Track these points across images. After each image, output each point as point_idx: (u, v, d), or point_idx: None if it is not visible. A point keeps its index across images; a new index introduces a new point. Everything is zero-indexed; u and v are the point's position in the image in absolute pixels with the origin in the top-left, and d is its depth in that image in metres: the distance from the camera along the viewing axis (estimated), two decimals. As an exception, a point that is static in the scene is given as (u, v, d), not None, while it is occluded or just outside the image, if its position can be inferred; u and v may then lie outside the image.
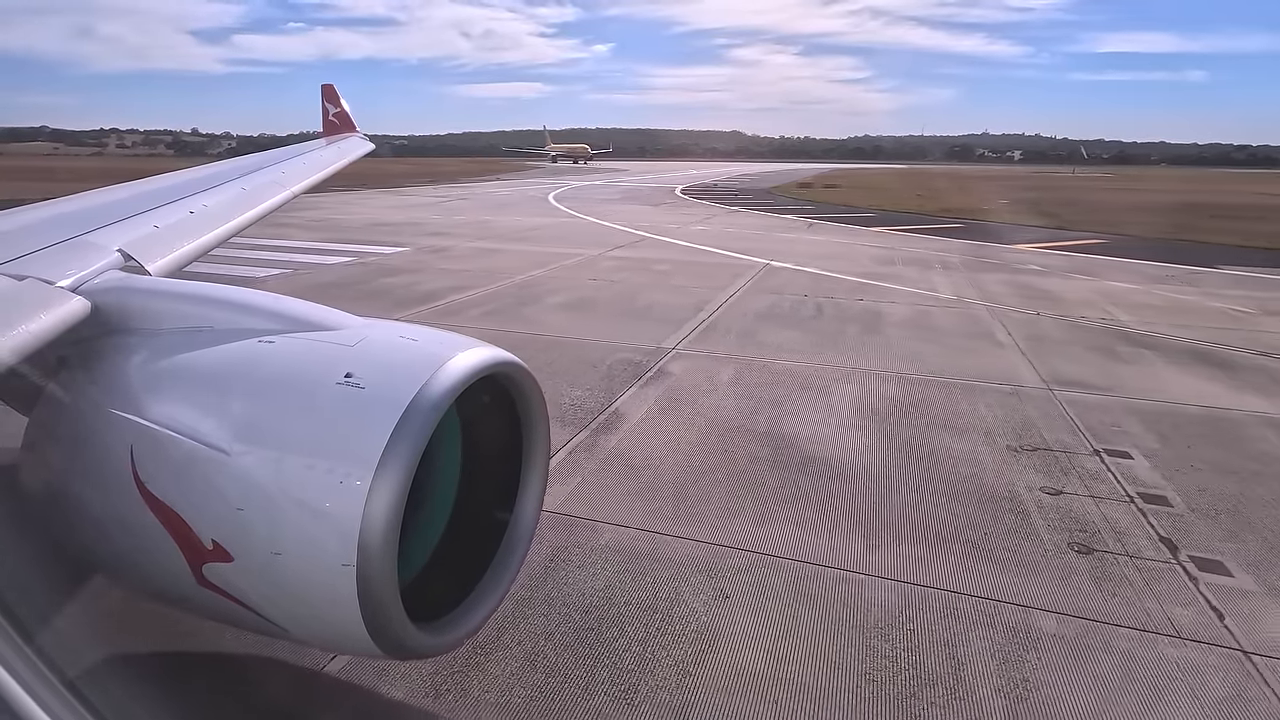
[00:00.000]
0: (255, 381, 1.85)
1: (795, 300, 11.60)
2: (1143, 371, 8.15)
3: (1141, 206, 36.68)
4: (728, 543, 4.25)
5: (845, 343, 9.05)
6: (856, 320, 10.24)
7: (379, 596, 1.67)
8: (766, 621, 3.58)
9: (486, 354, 1.92)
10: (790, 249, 17.88)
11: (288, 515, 1.69)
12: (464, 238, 19.28)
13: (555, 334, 9.08)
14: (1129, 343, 9.38)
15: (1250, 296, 12.95)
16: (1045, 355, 8.62)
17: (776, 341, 8.98)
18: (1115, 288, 13.51)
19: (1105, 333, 9.90)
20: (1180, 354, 8.90)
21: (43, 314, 1.86)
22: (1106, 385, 7.53)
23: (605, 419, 6.16)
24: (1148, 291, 13.13)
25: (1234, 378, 7.99)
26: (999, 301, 11.79)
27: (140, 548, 1.86)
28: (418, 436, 1.67)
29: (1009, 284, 13.46)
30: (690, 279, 13.36)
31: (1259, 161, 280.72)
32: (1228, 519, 4.69)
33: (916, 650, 3.35)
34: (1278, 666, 3.31)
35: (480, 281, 12.65)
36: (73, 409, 1.95)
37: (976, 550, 4.24)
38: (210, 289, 2.17)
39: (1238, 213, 32.90)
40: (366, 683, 3.04)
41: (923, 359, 8.31)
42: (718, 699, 3.06)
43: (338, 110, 8.06)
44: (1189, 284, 14.11)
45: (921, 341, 9.16)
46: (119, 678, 2.07)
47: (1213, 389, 7.53)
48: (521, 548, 2.22)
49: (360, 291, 11.81)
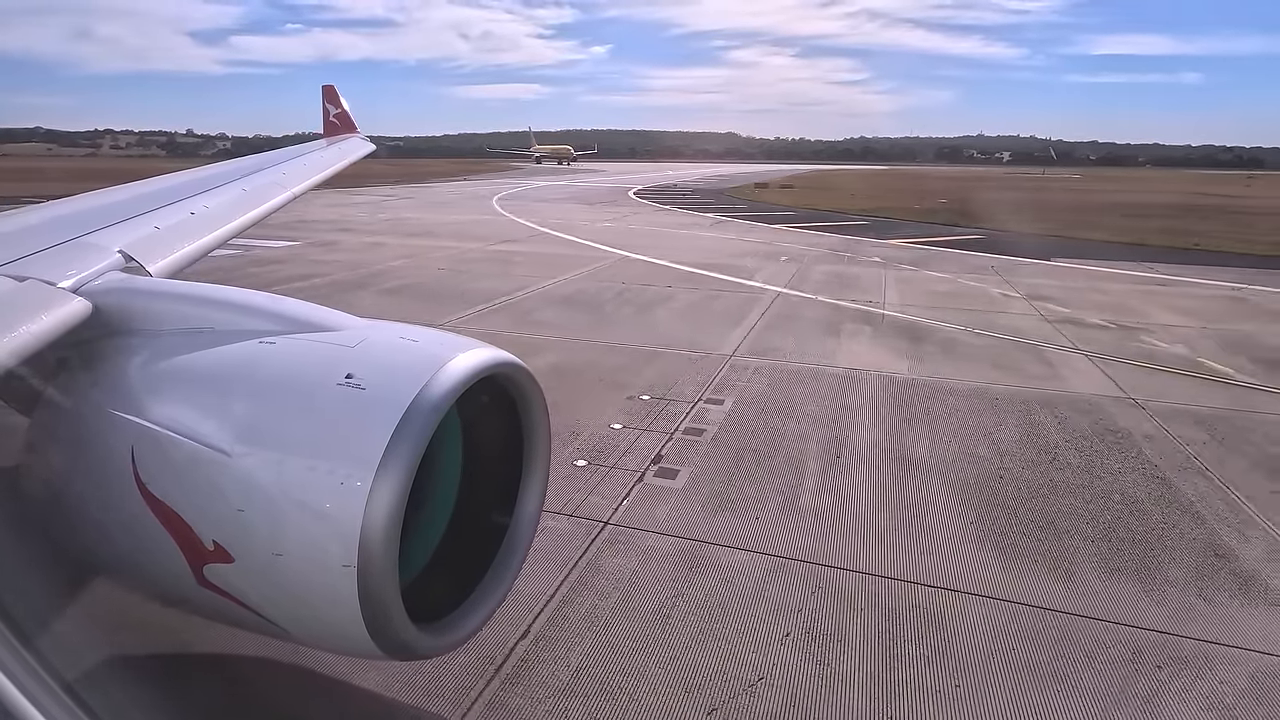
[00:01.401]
0: (256, 382, 1.84)
1: (608, 287, 12.98)
2: (836, 343, 9.56)
3: (1064, 206, 38.93)
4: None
5: (614, 322, 10.39)
6: (644, 305, 11.57)
7: (380, 597, 1.67)
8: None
9: (487, 355, 1.92)
10: (669, 244, 19.47)
11: (289, 516, 1.69)
12: (364, 234, 20.65)
13: (355, 315, 10.00)
14: (861, 321, 10.79)
15: (1038, 284, 14.47)
16: (766, 331, 10.00)
17: (554, 320, 10.26)
18: (922, 275, 15.14)
19: (854, 314, 11.28)
20: (893, 330, 10.31)
21: (44, 315, 1.86)
22: (787, 353, 8.88)
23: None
24: (950, 280, 14.65)
25: (912, 348, 9.32)
26: (799, 289, 13.20)
27: (141, 548, 1.85)
28: (418, 437, 1.67)
29: (831, 274, 15.10)
30: (537, 269, 14.77)
31: (1244, 163, 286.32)
32: (751, 451, 5.80)
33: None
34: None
35: (334, 271, 14.05)
36: (74, 410, 1.95)
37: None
38: (211, 290, 2.17)
39: (1150, 211, 35.09)
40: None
41: (659, 332, 9.74)
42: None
43: (339, 111, 8.07)
44: (998, 273, 15.57)
45: (676, 321, 10.63)
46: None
47: (874, 355, 8.94)
48: (522, 548, 2.22)
49: (217, 278, 12.60)
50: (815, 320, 10.81)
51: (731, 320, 10.60)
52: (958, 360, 8.81)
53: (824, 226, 25.13)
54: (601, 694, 3.12)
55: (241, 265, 14.39)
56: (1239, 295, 14.08)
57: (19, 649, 1.32)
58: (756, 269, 15.35)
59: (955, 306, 11.97)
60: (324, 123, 8.10)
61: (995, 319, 11.16)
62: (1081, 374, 8.37)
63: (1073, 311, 11.77)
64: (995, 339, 9.91)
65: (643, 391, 7.18)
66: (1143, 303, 12.78)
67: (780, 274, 14.80)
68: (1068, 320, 11.15)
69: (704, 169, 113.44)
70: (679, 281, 13.76)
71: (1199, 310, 12.34)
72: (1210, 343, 10.02)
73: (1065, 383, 8.01)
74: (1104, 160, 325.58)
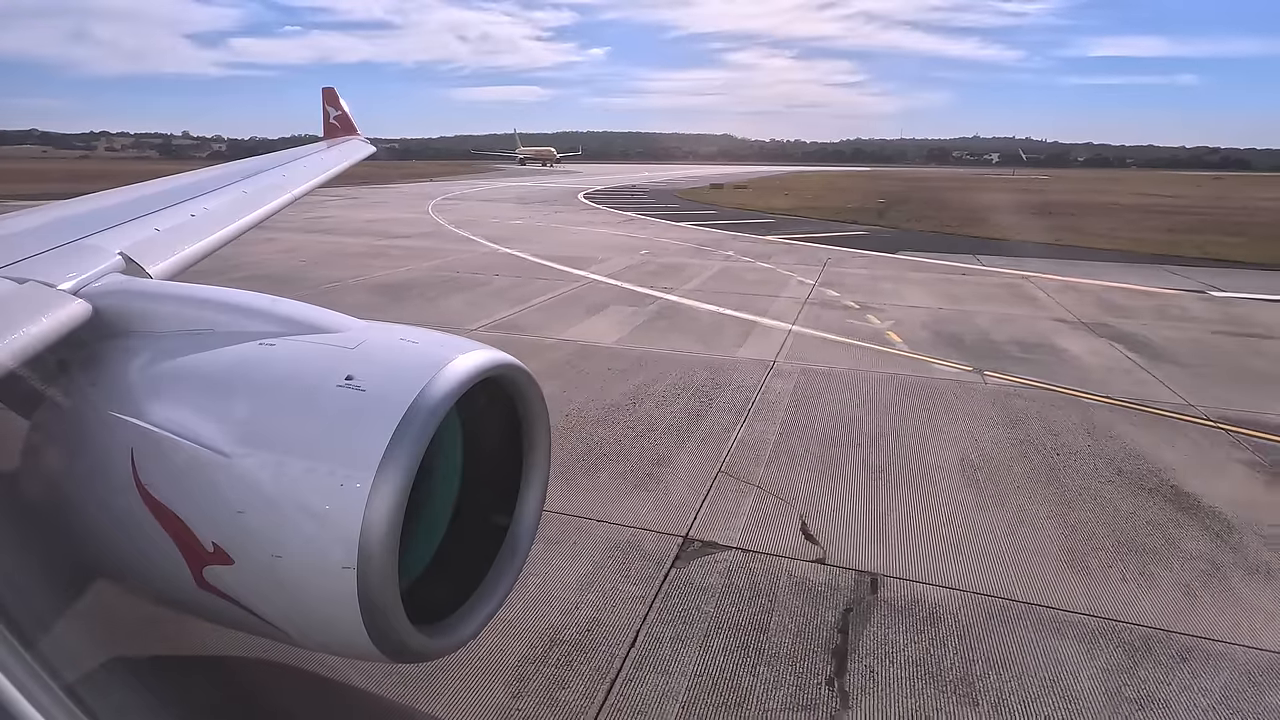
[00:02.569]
0: (256, 384, 1.84)
1: (439, 277, 14.65)
2: (587, 321, 11.13)
3: (980, 206, 41.24)
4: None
5: (400, 303, 11.54)
6: (447, 291, 13.03)
7: (380, 599, 1.67)
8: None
9: (487, 356, 1.93)
10: (552, 240, 21.51)
11: (288, 518, 1.69)
12: (272, 230, 22.03)
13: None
14: (632, 303, 12.32)
15: (845, 273, 16.58)
16: (536, 313, 11.46)
17: (346, 302, 11.13)
18: (747, 266, 17.28)
19: (636, 297, 12.85)
20: (654, 312, 11.87)
21: (44, 317, 1.86)
22: (534, 329, 10.43)
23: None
24: (768, 271, 16.64)
25: (646, 323, 11.12)
26: (617, 278, 14.87)
27: (141, 551, 1.85)
28: (418, 439, 1.67)
29: (664, 265, 17.14)
30: (393, 260, 16.67)
31: (1230, 165, 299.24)
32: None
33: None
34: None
35: (206, 264, 15.54)
36: (74, 412, 1.94)
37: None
38: (211, 291, 2.17)
39: (1058, 210, 38.08)
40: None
41: (427, 314, 11.08)
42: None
43: (339, 113, 8.09)
44: (823, 264, 17.65)
45: (461, 305, 11.93)
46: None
47: (606, 328, 10.69)
48: (523, 549, 2.22)
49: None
50: (593, 303, 12.27)
51: (512, 302, 12.11)
52: (675, 333, 10.62)
53: (726, 224, 26.98)
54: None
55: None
56: (1020, 282, 15.90)
57: (19, 651, 1.32)
58: (602, 260, 17.18)
59: (738, 292, 13.82)
60: (324, 125, 8.13)
61: (761, 302, 12.94)
62: (767, 344, 10.10)
63: (840, 296, 13.76)
64: (733, 317, 11.70)
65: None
66: (915, 290, 14.68)
67: (616, 265, 16.72)
68: (823, 303, 13.07)
69: (686, 170, 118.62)
70: (517, 272, 15.41)
71: (960, 295, 14.16)
72: (918, 322, 11.70)
73: (741, 350, 9.75)
74: (1092, 162, 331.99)
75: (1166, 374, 9.20)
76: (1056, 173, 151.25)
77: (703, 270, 16.47)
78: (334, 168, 5.79)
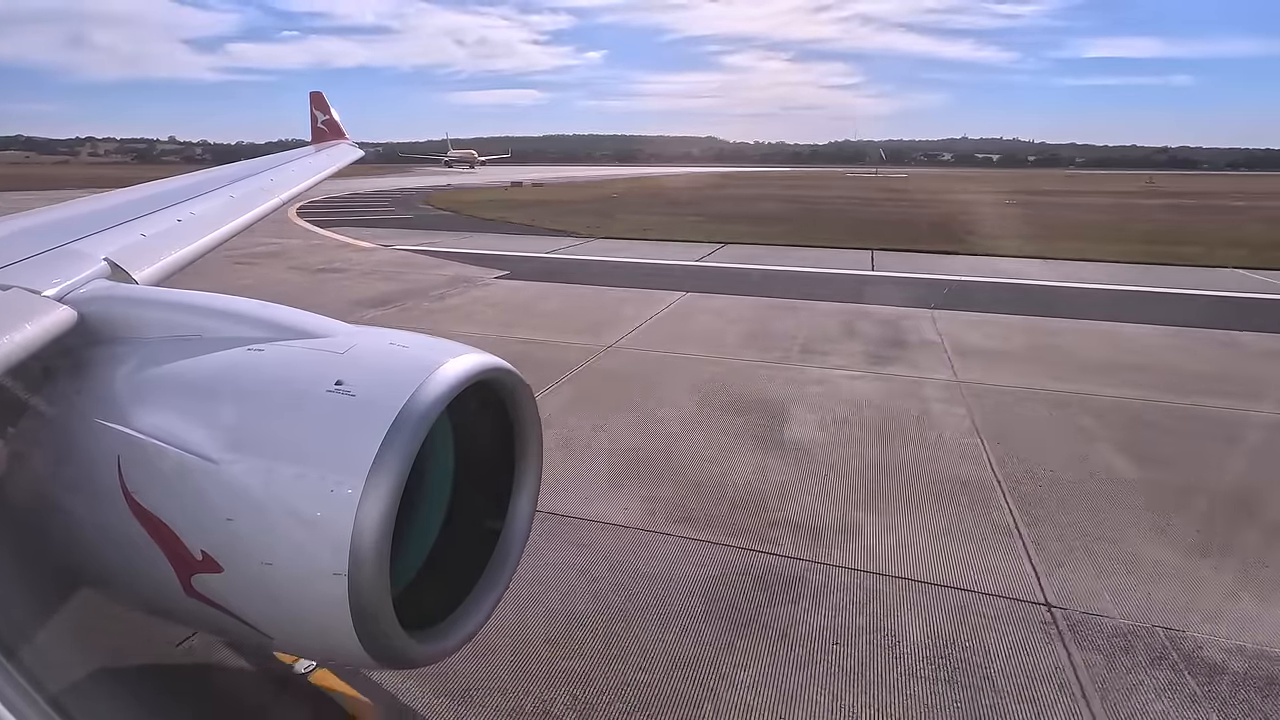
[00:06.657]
0: (245, 390, 1.82)
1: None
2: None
3: (730, 199, 45.87)
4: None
5: None
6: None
7: (371, 605, 1.65)
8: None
9: (477, 360, 1.91)
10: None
11: (278, 525, 1.67)
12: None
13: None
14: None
15: (382, 251, 19.44)
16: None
17: None
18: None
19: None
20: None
21: (28, 324, 1.83)
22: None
23: None
24: (336, 259, 18.37)
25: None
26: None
27: (128, 559, 1.83)
28: (409, 444, 1.66)
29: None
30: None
31: (1178, 164, 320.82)
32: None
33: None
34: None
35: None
36: (59, 420, 1.92)
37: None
38: (199, 297, 2.14)
39: (815, 203, 42.83)
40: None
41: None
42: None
43: (326, 118, 8.06)
44: (377, 241, 21.16)
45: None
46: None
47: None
48: (515, 553, 2.21)
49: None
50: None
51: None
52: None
53: (392, 231, 24.87)
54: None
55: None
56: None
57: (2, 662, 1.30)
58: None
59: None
60: (312, 129, 8.09)
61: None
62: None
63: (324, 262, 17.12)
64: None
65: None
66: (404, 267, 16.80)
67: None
68: (300, 268, 16.13)
69: (606, 171, 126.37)
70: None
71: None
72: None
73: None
74: (1041, 162, 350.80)
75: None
76: (980, 172, 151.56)
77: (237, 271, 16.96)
78: (322, 172, 5.79)
